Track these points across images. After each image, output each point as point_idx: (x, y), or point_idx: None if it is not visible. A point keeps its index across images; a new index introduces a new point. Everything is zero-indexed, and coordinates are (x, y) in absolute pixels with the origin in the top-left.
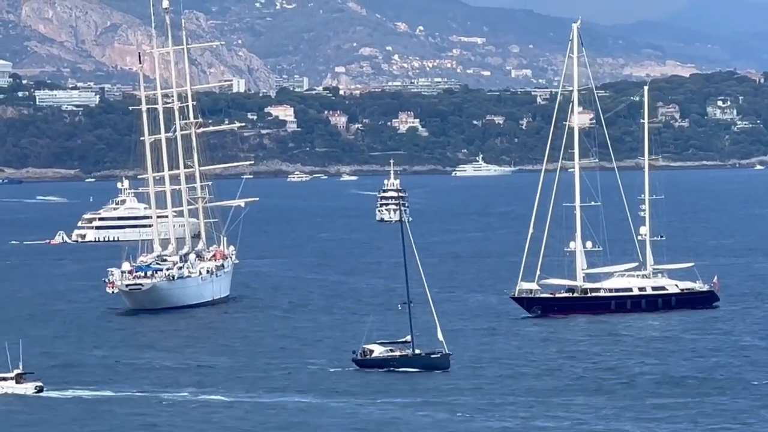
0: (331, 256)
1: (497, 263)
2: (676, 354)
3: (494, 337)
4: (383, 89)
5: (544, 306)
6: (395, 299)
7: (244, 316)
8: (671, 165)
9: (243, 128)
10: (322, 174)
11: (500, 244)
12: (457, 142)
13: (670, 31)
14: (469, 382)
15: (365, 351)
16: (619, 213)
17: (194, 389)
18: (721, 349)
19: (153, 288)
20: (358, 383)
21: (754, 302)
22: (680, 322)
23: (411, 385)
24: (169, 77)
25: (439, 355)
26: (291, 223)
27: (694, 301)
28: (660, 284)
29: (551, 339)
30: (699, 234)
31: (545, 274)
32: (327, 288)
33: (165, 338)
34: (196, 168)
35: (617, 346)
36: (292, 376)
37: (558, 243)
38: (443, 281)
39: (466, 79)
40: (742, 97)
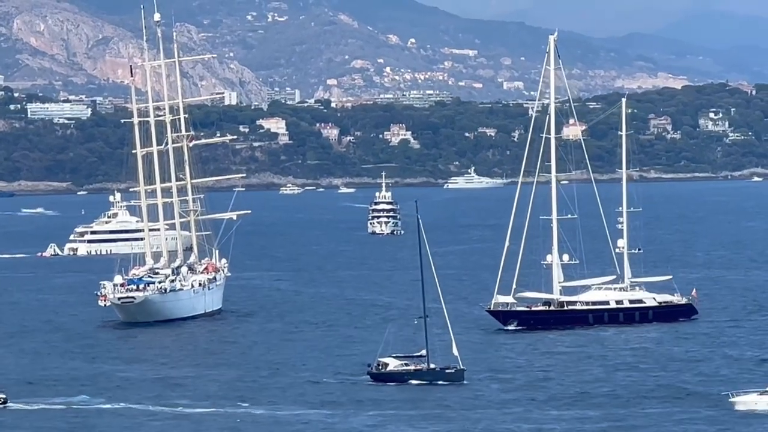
0: (323, 268)
1: (488, 276)
2: (648, 366)
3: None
4: (375, 102)
5: (520, 319)
6: (388, 311)
7: (236, 328)
8: (663, 177)
9: (235, 141)
10: (314, 186)
11: (491, 256)
12: (449, 154)
13: (662, 44)
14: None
15: (380, 364)
16: (596, 225)
17: (189, 401)
18: (695, 362)
19: (145, 301)
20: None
21: (733, 315)
22: (655, 335)
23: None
24: (160, 90)
25: (454, 370)
26: (283, 236)
27: (672, 314)
28: (637, 297)
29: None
30: (681, 246)
31: (521, 287)
32: (319, 301)
33: (157, 351)
34: (188, 181)
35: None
36: (290, 388)
37: (535, 256)
38: (430, 294)
39: (458, 92)
40: (734, 109)
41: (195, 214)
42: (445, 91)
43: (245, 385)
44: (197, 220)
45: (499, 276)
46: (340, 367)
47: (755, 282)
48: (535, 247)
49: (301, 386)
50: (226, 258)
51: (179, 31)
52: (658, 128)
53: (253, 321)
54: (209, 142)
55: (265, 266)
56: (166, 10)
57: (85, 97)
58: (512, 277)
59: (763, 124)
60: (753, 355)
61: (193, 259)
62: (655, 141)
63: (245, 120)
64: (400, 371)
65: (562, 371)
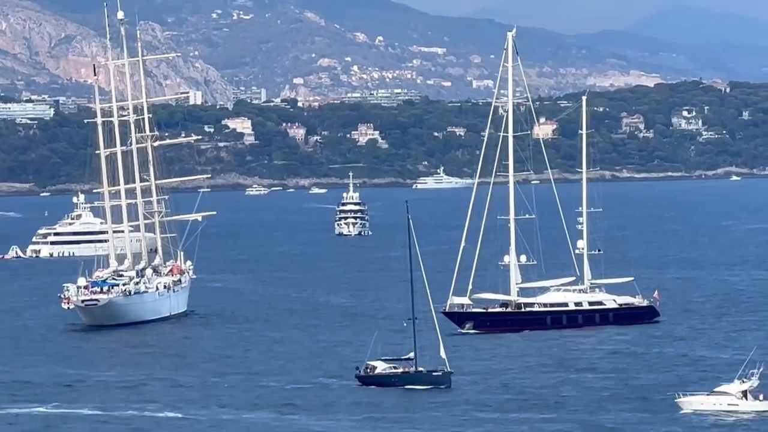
0: (290, 270)
1: (465, 275)
2: (605, 369)
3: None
4: (342, 101)
5: (476, 321)
6: (355, 314)
7: (202, 332)
8: (635, 177)
9: (200, 141)
10: (281, 187)
11: (463, 258)
12: (418, 154)
13: (635, 41)
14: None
15: (368, 367)
16: (555, 226)
17: (158, 405)
18: (651, 365)
19: (109, 303)
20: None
21: (697, 318)
22: (615, 338)
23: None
24: (124, 89)
25: (441, 372)
26: (249, 238)
27: (633, 317)
28: (597, 299)
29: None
30: (646, 247)
31: (478, 288)
32: (287, 303)
33: (121, 355)
34: (152, 182)
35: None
36: (259, 393)
37: (492, 257)
38: (396, 295)
39: (427, 90)
40: (707, 107)
41: (159, 216)
42: (413, 89)
43: (213, 390)
44: (162, 222)
45: (454, 277)
46: (310, 371)
47: (725, 283)
48: (493, 247)
49: (271, 390)
50: (191, 260)
51: (143, 30)
52: (630, 127)
53: (220, 324)
54: (174, 142)
55: (231, 268)
56: (129, 8)
57: (47, 97)
58: (468, 279)
59: (737, 122)
60: (711, 357)
61: (157, 261)
62: (628, 140)
63: (210, 120)
64: (387, 374)
65: (518, 375)
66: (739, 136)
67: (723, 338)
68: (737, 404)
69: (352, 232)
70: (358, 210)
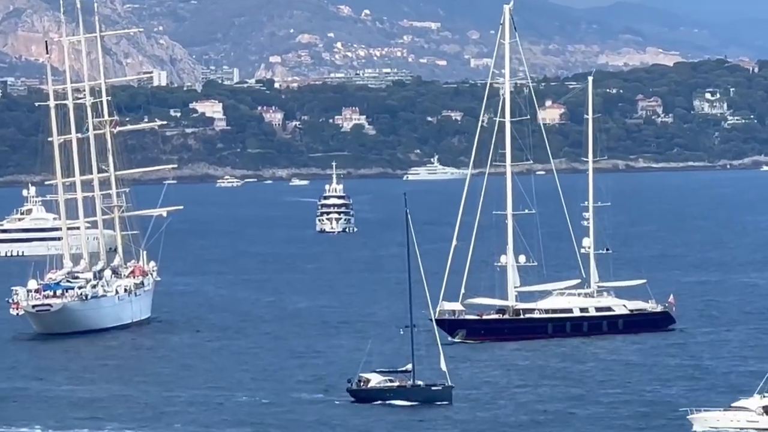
0: (265, 272)
1: (449, 280)
2: (614, 383)
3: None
4: (324, 82)
5: (469, 329)
6: (339, 321)
7: (166, 340)
8: (653, 166)
9: (165, 127)
10: (255, 178)
11: (455, 258)
12: (409, 141)
13: (652, 15)
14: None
15: (361, 380)
16: (558, 222)
17: (117, 424)
18: (666, 378)
19: (63, 309)
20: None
21: (717, 325)
22: (624, 348)
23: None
24: (80, 69)
25: (441, 387)
26: (220, 235)
27: (645, 324)
28: (605, 304)
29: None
30: (662, 246)
31: (471, 292)
32: (262, 309)
33: (77, 366)
34: (112, 173)
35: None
36: (230, 409)
37: (487, 257)
38: (385, 299)
39: (419, 70)
40: (733, 89)
41: (120, 211)
42: (404, 69)
43: (179, 406)
44: (122, 218)
45: (445, 280)
46: (289, 385)
47: (752, 287)
48: (488, 247)
49: (243, 406)
50: (155, 260)
51: (101, 2)
52: (647, 111)
53: (186, 332)
54: (136, 128)
55: (199, 270)
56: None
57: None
58: (460, 282)
59: (766, 105)
60: (731, 369)
61: (117, 261)
62: (644, 126)
63: (176, 103)
64: (381, 388)
65: (518, 390)
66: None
67: (745, 348)
68: (757, 421)
69: (336, 228)
70: (342, 204)
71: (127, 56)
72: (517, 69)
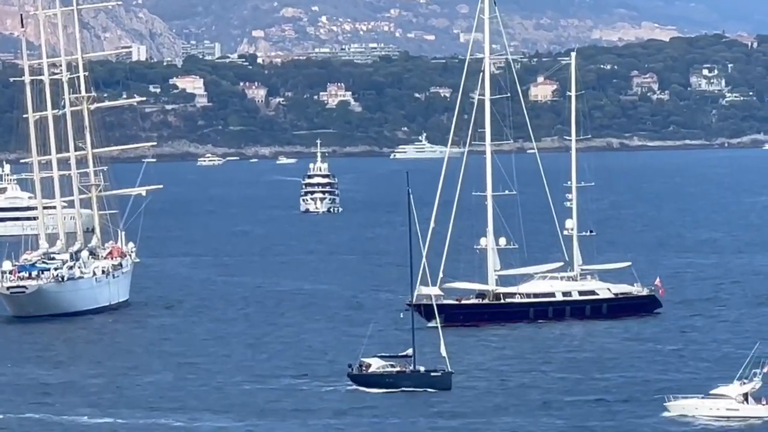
0: (248, 253)
1: (435, 261)
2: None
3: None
4: (309, 57)
5: (447, 314)
6: (325, 304)
7: (146, 324)
8: (648, 145)
9: (144, 103)
10: (237, 156)
11: (438, 239)
12: (396, 118)
13: None
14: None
15: (362, 365)
16: (540, 203)
17: (92, 410)
18: (647, 364)
19: (39, 291)
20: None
21: (704, 310)
22: (606, 332)
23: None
24: (56, 43)
25: (441, 373)
26: (201, 216)
27: (630, 308)
28: (589, 288)
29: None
30: (651, 227)
31: (450, 276)
32: (244, 291)
33: (53, 351)
34: (89, 150)
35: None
36: (211, 395)
37: (466, 239)
38: (362, 281)
39: (407, 45)
40: (731, 64)
41: (97, 190)
42: (391, 44)
43: (160, 392)
44: (100, 197)
45: (422, 263)
46: (269, 369)
47: (746, 269)
48: (467, 229)
49: (225, 392)
50: (133, 241)
51: None
52: (642, 87)
53: (166, 315)
54: (114, 104)
55: (179, 251)
56: None
57: None
58: (438, 265)
59: (766, 82)
60: (715, 355)
61: (95, 242)
62: (639, 103)
63: (156, 78)
64: (381, 374)
65: (498, 374)
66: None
67: (731, 333)
68: (737, 408)
69: (320, 208)
70: (327, 183)
71: (105, 30)
72: (500, 45)
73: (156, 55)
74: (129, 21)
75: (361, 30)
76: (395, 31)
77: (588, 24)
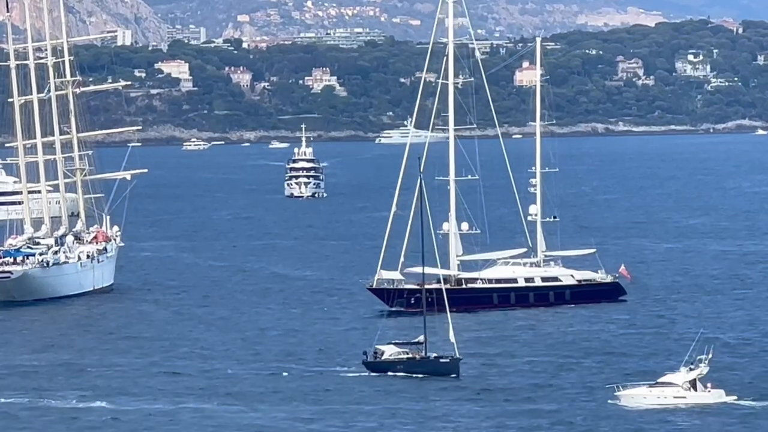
0: (233, 238)
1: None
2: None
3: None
4: (294, 42)
5: (408, 299)
6: (307, 289)
7: (130, 307)
8: (633, 130)
9: (129, 88)
10: (222, 141)
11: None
12: (382, 103)
13: None
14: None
15: (377, 352)
16: (504, 188)
17: (79, 393)
18: (603, 352)
19: (24, 276)
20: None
21: (668, 296)
22: (566, 319)
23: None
24: (41, 27)
25: (449, 359)
26: (185, 200)
27: (594, 295)
28: (552, 274)
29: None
30: (623, 213)
31: (411, 261)
32: (230, 276)
33: (38, 335)
34: (74, 135)
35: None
36: (196, 380)
37: (429, 224)
38: (339, 266)
39: (392, 30)
40: (717, 50)
41: (82, 174)
42: (376, 29)
43: (147, 376)
44: (85, 181)
45: (383, 248)
46: (256, 355)
47: (718, 256)
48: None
49: (209, 376)
50: (118, 225)
51: None
52: (627, 73)
53: (151, 299)
54: (99, 88)
55: (165, 235)
56: None
57: None
58: (400, 249)
59: (751, 68)
60: (674, 345)
61: (80, 226)
62: (624, 88)
63: (141, 63)
64: (392, 360)
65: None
66: (753, 83)
67: (694, 322)
68: (684, 396)
69: (305, 193)
70: (312, 168)
71: (91, 14)
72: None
73: (141, 40)
74: (114, 5)
75: (346, 15)
76: (380, 16)
77: (573, 9)
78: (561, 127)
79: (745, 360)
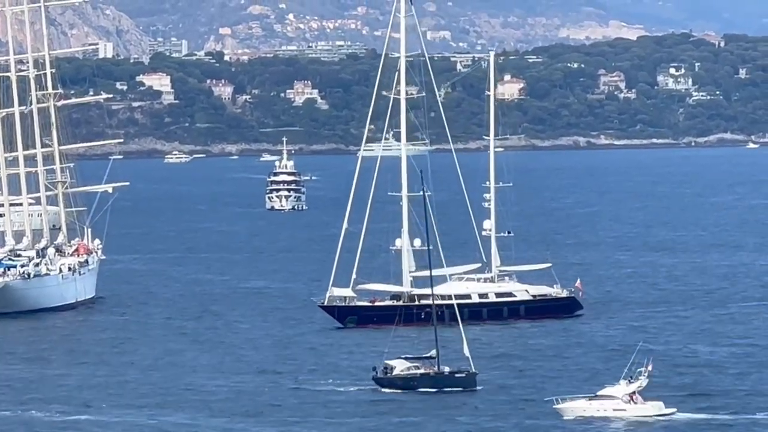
0: (213, 251)
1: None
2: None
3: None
4: (276, 54)
5: (360, 316)
6: (291, 301)
7: (111, 320)
8: (615, 143)
9: (111, 100)
10: (204, 154)
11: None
12: (363, 116)
13: None
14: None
15: (387, 367)
16: (458, 203)
17: (62, 406)
18: (549, 367)
19: (5, 288)
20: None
21: (625, 311)
22: (519, 335)
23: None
24: (23, 40)
25: (465, 374)
26: (167, 213)
27: (549, 310)
28: (506, 289)
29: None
30: (589, 228)
31: (363, 278)
32: (211, 289)
33: (18, 348)
34: (56, 147)
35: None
36: (176, 393)
37: (380, 241)
38: (313, 277)
39: (374, 43)
40: (698, 63)
41: (64, 187)
42: (358, 42)
43: (124, 389)
44: (66, 194)
45: (335, 264)
46: (238, 368)
47: (672, 269)
48: (382, 230)
49: (192, 390)
50: (100, 238)
51: None
52: (609, 86)
53: (132, 312)
54: (81, 101)
55: (146, 248)
56: None
57: None
58: (351, 266)
59: (733, 81)
60: (625, 357)
61: (61, 239)
62: (606, 101)
63: (123, 76)
64: (405, 376)
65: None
66: (735, 97)
67: (648, 335)
68: (624, 409)
69: (285, 206)
70: (293, 181)
71: (72, 27)
72: (480, 42)
73: (123, 52)
74: (96, 18)
75: (328, 28)
76: (362, 29)
77: (555, 22)
78: (543, 141)
79: (686, 373)
